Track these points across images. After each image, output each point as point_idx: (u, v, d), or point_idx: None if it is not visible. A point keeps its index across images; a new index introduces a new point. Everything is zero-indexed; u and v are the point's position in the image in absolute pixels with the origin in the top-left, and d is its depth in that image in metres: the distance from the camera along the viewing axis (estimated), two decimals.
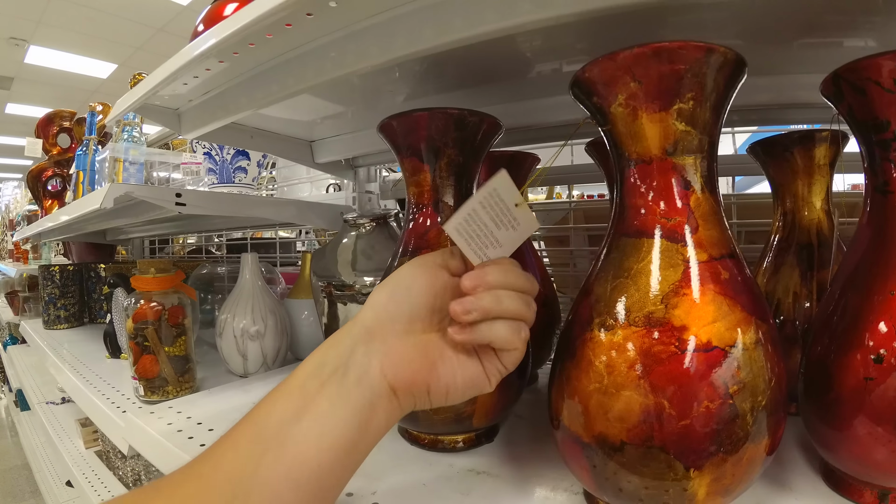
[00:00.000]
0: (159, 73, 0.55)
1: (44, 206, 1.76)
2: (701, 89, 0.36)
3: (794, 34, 0.57)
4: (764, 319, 0.37)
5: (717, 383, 0.33)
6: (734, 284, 0.36)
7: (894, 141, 0.41)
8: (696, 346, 0.34)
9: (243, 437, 0.34)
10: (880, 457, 0.40)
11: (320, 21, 0.41)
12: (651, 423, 0.33)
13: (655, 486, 0.35)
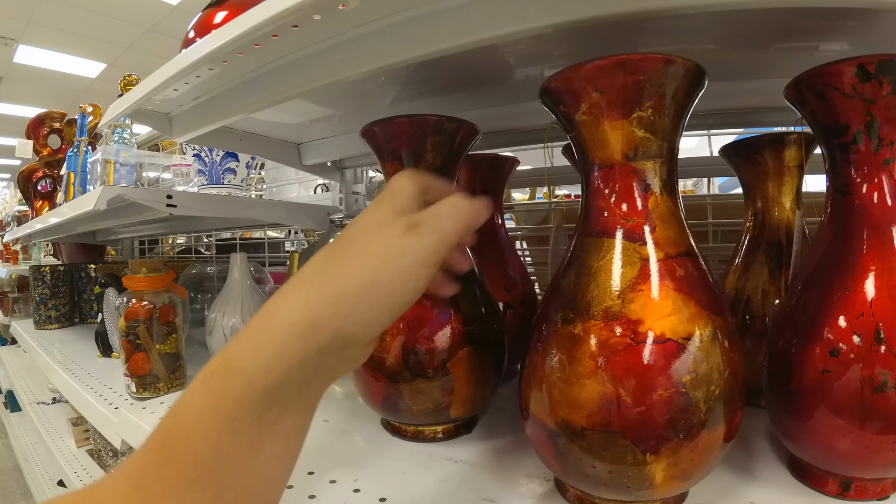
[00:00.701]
0: (153, 80, 0.57)
1: (34, 206, 1.76)
2: (660, 98, 0.38)
3: (772, 39, 0.59)
4: (719, 314, 0.39)
5: (670, 373, 0.36)
6: (689, 281, 0.39)
7: (853, 144, 0.43)
8: (650, 339, 0.36)
9: (186, 491, 0.27)
10: (840, 447, 0.42)
11: (306, 32, 0.43)
12: (609, 410, 0.36)
13: (616, 469, 0.37)
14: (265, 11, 0.39)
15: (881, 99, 0.41)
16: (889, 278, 0.41)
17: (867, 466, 0.42)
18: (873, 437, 0.40)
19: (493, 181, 0.78)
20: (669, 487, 0.38)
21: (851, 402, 0.40)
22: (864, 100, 0.42)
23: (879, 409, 0.39)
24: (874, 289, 0.41)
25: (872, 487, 0.45)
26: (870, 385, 0.39)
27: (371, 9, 0.42)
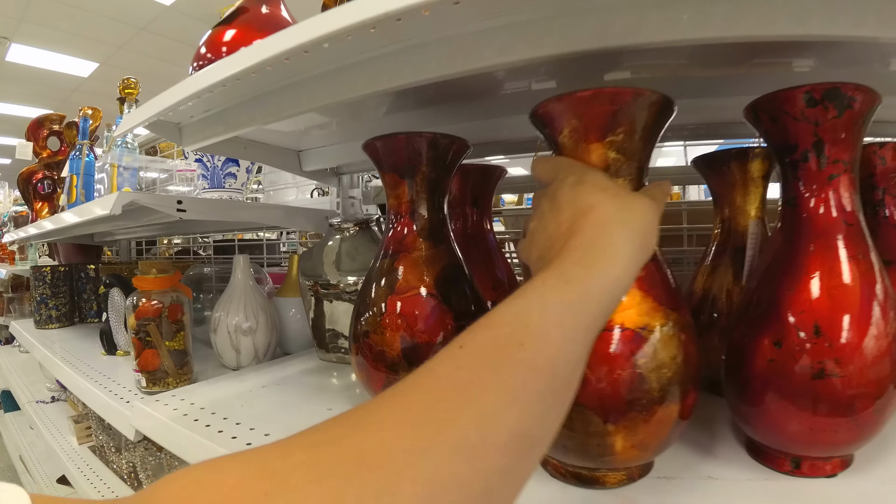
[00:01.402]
0: (171, 97, 0.61)
1: (34, 207, 1.80)
2: (630, 125, 0.44)
3: (745, 57, 0.64)
4: (675, 309, 0.45)
5: (627, 356, 0.42)
6: (649, 280, 0.45)
7: (801, 162, 0.49)
8: (611, 327, 0.43)
9: (531, 394, 0.29)
10: (786, 428, 0.47)
11: (314, 57, 0.48)
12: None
13: (582, 438, 0.43)
14: (283, 43, 0.44)
15: (827, 122, 0.46)
16: (829, 280, 0.46)
17: (812, 445, 0.47)
18: (815, 419, 0.45)
19: (483, 188, 0.83)
20: (630, 456, 0.44)
21: (794, 387, 0.46)
22: (812, 123, 0.47)
23: (819, 394, 0.45)
24: (815, 289, 0.46)
25: (821, 465, 0.49)
26: (809, 372, 0.45)
27: (371, 39, 0.47)
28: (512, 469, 0.27)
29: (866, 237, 0.49)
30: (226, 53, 0.69)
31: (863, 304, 0.46)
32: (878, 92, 0.46)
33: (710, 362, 0.56)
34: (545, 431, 0.30)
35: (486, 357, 0.30)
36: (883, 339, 0.45)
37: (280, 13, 0.76)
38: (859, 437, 0.47)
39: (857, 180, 0.50)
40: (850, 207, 0.48)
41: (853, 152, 0.49)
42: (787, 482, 0.49)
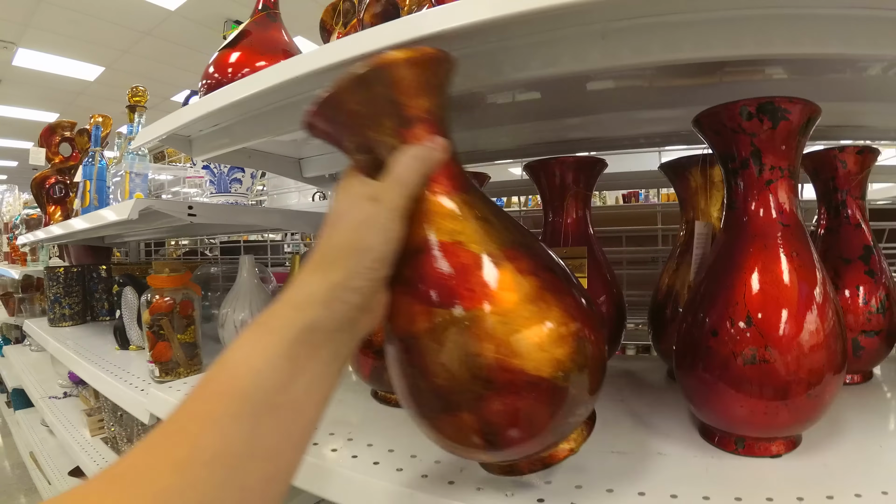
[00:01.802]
0: (186, 115, 0.68)
1: (48, 211, 1.87)
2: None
3: (717, 67, 0.70)
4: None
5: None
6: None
7: (741, 169, 0.54)
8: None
9: (223, 414, 0.32)
10: (724, 409, 0.52)
11: (311, 82, 0.55)
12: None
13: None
14: (282, 74, 0.51)
15: (763, 133, 0.52)
16: (763, 276, 0.51)
17: (751, 426, 0.52)
18: (751, 402, 0.50)
19: None
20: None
21: (730, 372, 0.50)
22: (749, 134, 0.52)
23: (750, 378, 0.49)
24: (750, 284, 0.51)
25: (765, 446, 0.54)
26: (741, 358, 0.50)
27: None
28: (228, 480, 0.31)
29: (804, 237, 0.53)
30: (231, 74, 0.76)
31: (795, 298, 0.50)
32: (817, 104, 0.51)
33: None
34: (254, 451, 0.32)
35: (198, 388, 0.34)
36: (816, 330, 0.49)
37: (280, 36, 0.84)
38: (796, 421, 0.51)
39: (796, 184, 0.54)
40: (788, 209, 0.53)
41: (792, 159, 0.53)
42: (731, 460, 0.53)
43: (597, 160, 0.80)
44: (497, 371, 0.38)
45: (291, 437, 0.35)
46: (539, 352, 0.38)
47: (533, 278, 0.40)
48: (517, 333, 0.38)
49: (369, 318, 0.40)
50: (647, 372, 0.87)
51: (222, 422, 0.32)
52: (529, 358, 0.38)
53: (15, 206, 3.64)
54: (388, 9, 0.85)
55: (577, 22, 0.47)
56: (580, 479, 0.51)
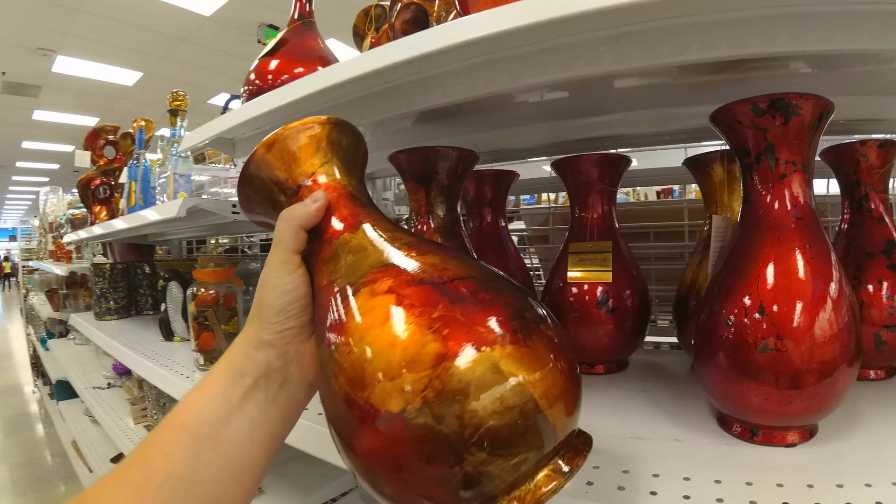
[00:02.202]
0: (231, 120, 0.73)
1: (93, 211, 1.96)
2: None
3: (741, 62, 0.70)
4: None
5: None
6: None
7: (756, 164, 0.56)
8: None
9: (172, 443, 0.37)
10: (737, 397, 0.53)
11: (345, 90, 0.60)
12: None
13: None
14: (330, 78, 0.56)
15: (775, 128, 0.53)
16: (776, 267, 0.53)
17: (763, 414, 0.53)
18: (762, 389, 0.51)
19: (497, 191, 0.93)
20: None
21: (743, 360, 0.52)
22: (762, 130, 0.54)
23: (763, 366, 0.51)
24: (763, 275, 0.53)
25: (780, 435, 0.55)
26: (754, 347, 0.51)
27: (404, 69, 0.56)
28: (175, 501, 0.36)
29: (818, 229, 0.54)
30: (271, 81, 0.82)
31: (808, 288, 0.51)
32: (829, 99, 0.52)
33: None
34: (197, 477, 0.37)
35: (161, 421, 0.40)
36: (828, 321, 0.50)
37: (316, 43, 0.88)
38: (809, 410, 0.52)
39: (810, 178, 0.55)
40: (802, 202, 0.54)
41: (805, 154, 0.54)
42: (745, 448, 0.55)
43: (621, 157, 0.83)
44: (350, 406, 0.34)
45: (231, 469, 0.39)
46: (385, 381, 0.33)
47: (391, 297, 0.35)
48: (362, 362, 0.34)
49: (298, 368, 0.42)
50: (672, 365, 0.88)
51: (170, 449, 0.37)
52: (374, 389, 0.33)
53: (59, 206, 3.79)
54: (418, 15, 0.89)
55: (589, 27, 0.49)
56: (597, 460, 0.54)
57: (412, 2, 0.87)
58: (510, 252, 0.94)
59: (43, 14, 4.65)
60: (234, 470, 0.39)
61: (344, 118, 0.69)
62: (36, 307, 4.28)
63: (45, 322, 3.94)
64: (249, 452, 0.39)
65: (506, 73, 0.57)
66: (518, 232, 1.37)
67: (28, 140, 9.02)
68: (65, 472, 3.36)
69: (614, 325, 0.78)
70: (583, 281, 0.80)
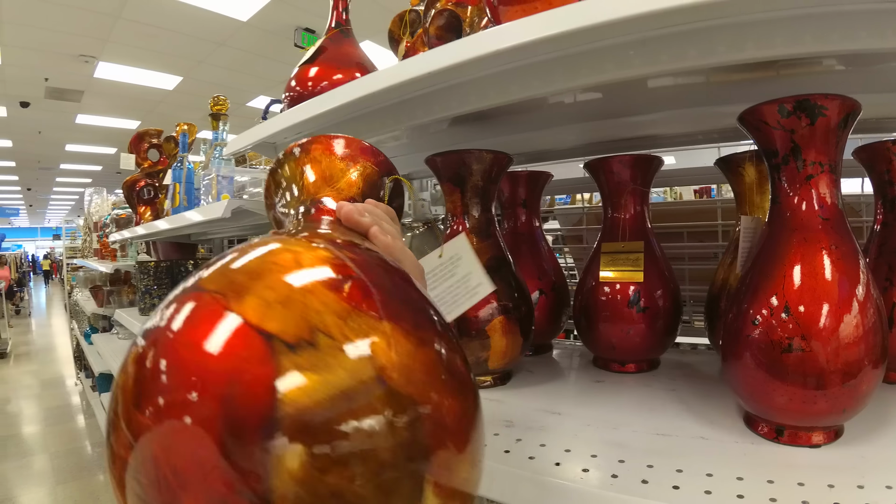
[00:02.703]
0: (273, 126, 0.77)
1: (138, 211, 2.05)
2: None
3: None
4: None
5: None
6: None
7: (783, 165, 0.56)
8: None
9: None
10: (762, 396, 0.54)
11: (382, 97, 0.62)
12: None
13: None
14: (369, 86, 0.59)
15: (801, 129, 0.53)
16: (802, 267, 0.53)
17: (787, 414, 0.54)
18: (787, 389, 0.52)
19: (531, 192, 0.95)
20: None
21: (767, 359, 0.53)
22: (788, 130, 0.54)
23: (787, 366, 0.51)
24: (788, 275, 0.54)
25: (805, 435, 0.55)
26: (780, 347, 0.52)
27: (439, 76, 0.58)
28: None
29: (845, 230, 0.55)
30: (311, 87, 0.86)
31: (833, 289, 0.52)
32: (855, 99, 0.52)
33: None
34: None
35: None
36: (854, 322, 0.51)
37: (353, 50, 0.92)
38: (833, 410, 0.52)
39: (837, 178, 0.56)
40: (829, 203, 0.55)
41: (832, 154, 0.55)
42: (770, 447, 0.55)
43: (653, 158, 0.83)
44: None
45: None
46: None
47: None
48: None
49: None
50: (703, 365, 0.89)
51: None
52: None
53: (103, 206, 3.94)
54: (452, 21, 0.92)
55: (615, 34, 0.51)
56: (623, 455, 0.56)
57: (446, 8, 0.90)
58: (544, 252, 0.96)
59: (84, 22, 4.82)
60: None
61: (382, 123, 0.73)
62: (80, 303, 4.44)
63: (89, 317, 4.07)
64: None
65: (538, 79, 0.59)
66: (552, 231, 1.38)
67: (71, 143, 9.34)
68: (104, 461, 3.50)
69: (645, 325, 0.79)
70: (614, 280, 0.81)
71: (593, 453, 0.57)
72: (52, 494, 3.11)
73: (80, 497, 3.07)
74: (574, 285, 0.92)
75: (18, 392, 5.35)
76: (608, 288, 0.81)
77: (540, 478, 0.52)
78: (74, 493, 3.11)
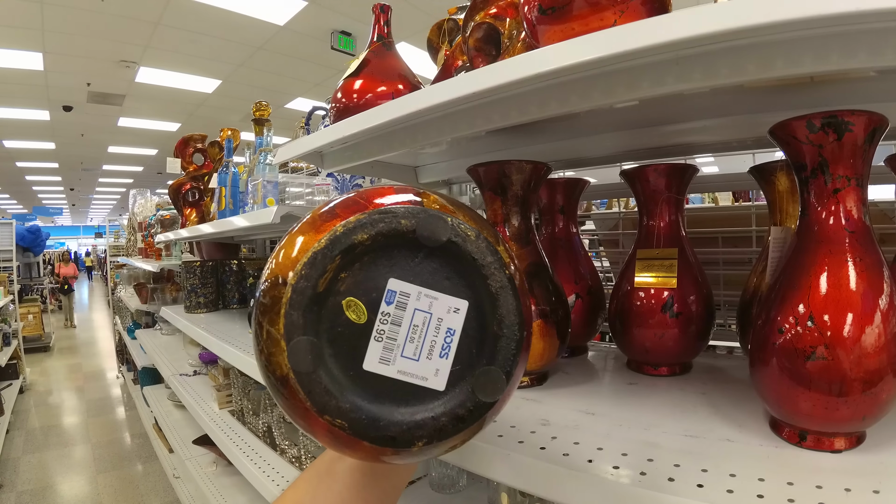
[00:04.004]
0: (322, 138, 0.82)
1: (184, 213, 2.14)
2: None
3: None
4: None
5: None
6: None
7: (811, 178, 0.58)
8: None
9: (301, 479, 0.47)
10: (786, 402, 0.56)
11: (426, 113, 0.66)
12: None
13: None
14: (414, 105, 0.63)
15: (828, 144, 0.55)
16: (827, 279, 0.55)
17: (810, 419, 0.55)
18: (810, 395, 0.54)
19: (569, 198, 0.98)
20: None
21: (792, 366, 0.55)
22: (816, 146, 0.56)
23: (811, 374, 0.53)
24: (814, 286, 0.55)
25: (827, 441, 0.57)
26: (804, 354, 0.54)
27: (484, 95, 0.60)
28: None
29: (871, 243, 0.56)
30: (356, 99, 0.90)
31: (856, 301, 0.53)
32: (882, 114, 0.53)
33: None
34: None
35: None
36: (876, 332, 0.52)
37: (396, 62, 0.96)
38: (854, 417, 0.53)
39: (864, 191, 0.57)
40: (855, 216, 0.56)
41: (859, 168, 0.56)
42: (793, 451, 0.57)
43: (687, 166, 0.85)
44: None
45: None
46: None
47: None
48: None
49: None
50: (735, 369, 0.91)
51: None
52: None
53: (147, 207, 4.08)
54: (490, 33, 0.95)
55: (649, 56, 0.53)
56: (652, 454, 0.59)
57: (485, 21, 0.94)
58: (581, 256, 0.98)
59: (125, 29, 4.97)
60: (344, 497, 0.45)
61: (424, 135, 0.77)
62: (124, 299, 4.61)
63: (133, 313, 4.23)
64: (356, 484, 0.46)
65: (576, 95, 0.62)
66: (588, 234, 1.40)
67: (113, 145, 9.61)
68: (144, 452, 3.63)
69: (678, 329, 0.82)
70: (649, 286, 0.83)
71: (624, 452, 0.60)
72: (92, 482, 3.24)
73: (119, 486, 3.19)
74: (610, 288, 0.95)
75: (61, 384, 5.56)
76: (643, 293, 0.84)
77: (572, 472, 0.55)
78: (114, 482, 3.24)
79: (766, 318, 0.60)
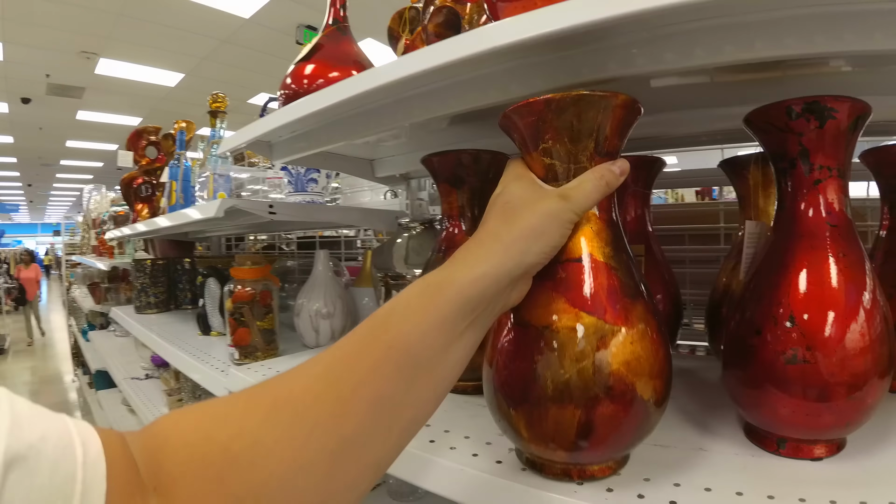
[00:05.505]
0: (268, 124, 0.76)
1: (135, 208, 2.03)
2: (556, 132, 0.47)
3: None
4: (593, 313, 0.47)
5: (523, 351, 0.48)
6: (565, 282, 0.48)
7: (790, 168, 0.54)
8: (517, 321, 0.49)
9: (390, 366, 0.37)
10: (764, 408, 0.52)
11: (380, 94, 0.61)
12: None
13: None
14: (366, 83, 0.57)
15: (809, 132, 0.51)
16: (808, 276, 0.51)
17: (791, 426, 0.52)
18: (789, 401, 0.50)
19: None
20: (530, 448, 0.50)
21: (770, 370, 0.51)
22: (796, 134, 0.52)
23: (791, 378, 0.49)
24: (794, 284, 0.51)
25: (807, 448, 0.53)
26: (783, 358, 0.50)
27: (436, 74, 0.56)
28: (378, 421, 0.37)
29: (854, 237, 0.53)
30: (307, 85, 0.84)
31: (840, 299, 0.50)
32: (866, 101, 0.50)
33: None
34: (408, 399, 0.38)
35: (361, 337, 0.40)
36: (860, 332, 0.49)
37: (350, 48, 0.90)
38: (837, 423, 0.51)
39: (846, 184, 0.54)
40: (837, 209, 0.53)
41: (841, 159, 0.52)
42: (771, 460, 0.54)
43: (655, 159, 0.82)
44: (618, 382, 0.45)
45: (437, 391, 0.41)
46: (647, 378, 0.46)
47: (651, 316, 0.49)
48: (638, 355, 0.45)
49: (516, 296, 0.46)
50: (703, 371, 0.87)
51: (386, 371, 0.37)
52: (640, 379, 0.45)
53: (102, 203, 3.92)
54: (451, 18, 0.90)
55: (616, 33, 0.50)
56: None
57: (445, 5, 0.88)
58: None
59: (86, 19, 4.83)
60: (440, 391, 0.41)
61: (378, 122, 0.71)
62: (78, 300, 4.44)
63: (87, 314, 4.07)
64: (455, 374, 0.41)
65: (539, 78, 0.57)
66: None
67: (72, 139, 9.34)
68: None
69: None
70: None
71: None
72: None
73: None
74: None
75: (16, 388, 5.33)
76: None
77: (531, 491, 0.50)
78: None
79: (740, 318, 0.56)
